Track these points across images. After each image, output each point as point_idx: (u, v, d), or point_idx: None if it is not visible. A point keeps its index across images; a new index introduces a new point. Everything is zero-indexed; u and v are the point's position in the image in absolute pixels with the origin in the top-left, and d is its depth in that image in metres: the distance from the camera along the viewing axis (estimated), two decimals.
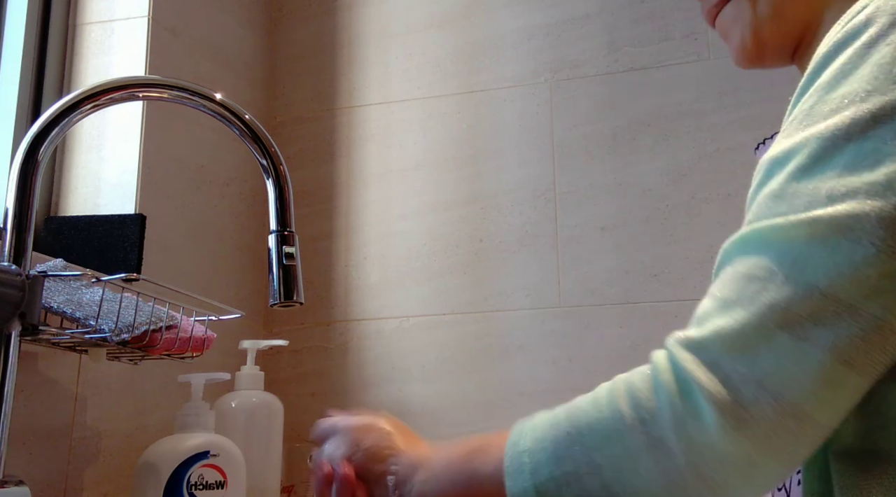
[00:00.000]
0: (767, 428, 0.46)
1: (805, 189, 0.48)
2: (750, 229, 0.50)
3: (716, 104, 1.38)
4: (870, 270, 0.45)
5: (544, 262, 1.41)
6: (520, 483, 0.54)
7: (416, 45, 1.57)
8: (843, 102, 0.49)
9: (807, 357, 0.46)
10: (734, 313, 0.48)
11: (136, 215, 1.18)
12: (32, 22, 1.23)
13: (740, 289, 0.48)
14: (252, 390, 1.17)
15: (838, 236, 0.46)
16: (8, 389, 0.79)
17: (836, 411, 0.47)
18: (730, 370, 0.47)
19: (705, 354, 0.48)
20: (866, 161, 0.47)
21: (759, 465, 0.47)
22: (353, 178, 1.55)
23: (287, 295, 0.87)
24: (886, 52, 0.49)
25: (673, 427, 0.48)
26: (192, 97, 0.89)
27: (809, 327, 0.46)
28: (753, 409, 0.46)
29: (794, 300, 0.46)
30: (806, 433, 0.47)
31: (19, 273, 0.79)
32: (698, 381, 0.47)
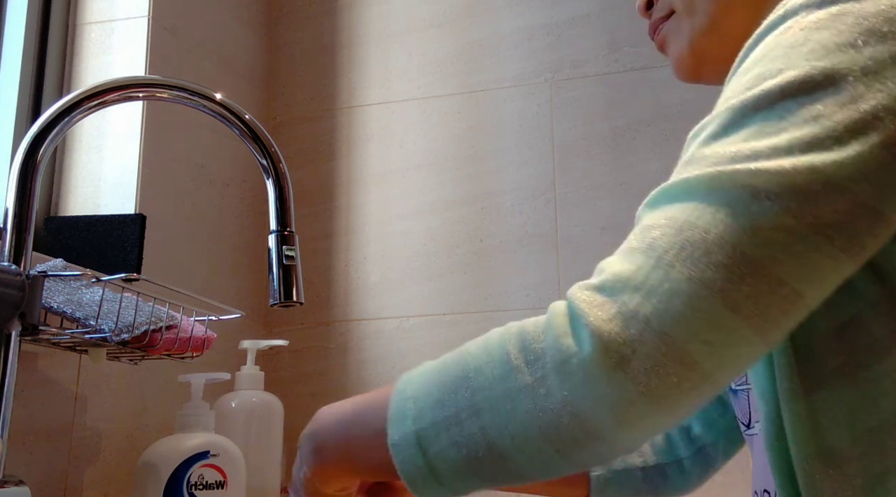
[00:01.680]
0: (648, 366, 0.45)
1: (710, 151, 0.50)
2: (659, 188, 0.52)
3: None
4: (763, 221, 0.46)
5: (544, 262, 1.41)
6: (401, 429, 0.53)
7: (416, 45, 1.57)
8: (755, 80, 0.51)
9: (696, 298, 0.46)
10: (633, 257, 0.49)
11: (136, 215, 1.18)
12: (32, 22, 1.23)
13: (641, 237, 0.49)
14: (252, 390, 1.17)
15: (738, 190, 0.47)
16: (8, 389, 0.79)
17: (722, 361, 0.46)
18: (621, 307, 0.47)
19: (600, 294, 0.48)
20: (771, 128, 0.48)
21: (636, 407, 0.46)
22: (353, 178, 1.55)
23: (287, 295, 0.87)
24: (799, 34, 0.51)
25: (554, 364, 0.48)
26: (192, 97, 0.89)
27: (704, 270, 0.46)
28: (636, 346, 0.46)
29: (689, 244, 0.47)
30: (688, 379, 0.46)
31: (19, 273, 0.79)
32: (587, 317, 0.47)
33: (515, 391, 0.49)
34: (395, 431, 0.53)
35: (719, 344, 0.46)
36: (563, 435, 0.48)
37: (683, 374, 0.46)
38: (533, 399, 0.48)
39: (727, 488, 1.26)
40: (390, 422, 0.54)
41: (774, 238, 0.46)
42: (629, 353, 0.46)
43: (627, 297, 0.47)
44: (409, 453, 0.52)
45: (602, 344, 0.46)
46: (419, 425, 0.52)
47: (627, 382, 0.46)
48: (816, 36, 0.50)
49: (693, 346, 0.45)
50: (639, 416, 0.46)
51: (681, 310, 0.46)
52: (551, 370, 0.48)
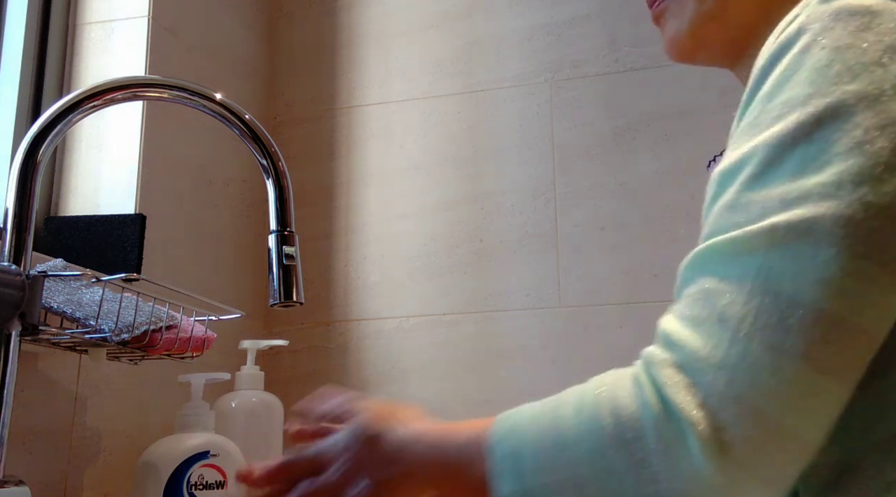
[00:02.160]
0: (750, 448, 0.45)
1: (758, 197, 0.48)
2: (708, 245, 0.50)
3: (716, 104, 1.38)
4: (832, 271, 0.45)
5: (544, 262, 1.41)
6: (507, 487, 0.53)
7: (416, 45, 1.57)
8: (784, 109, 0.50)
9: (782, 368, 0.45)
10: (706, 331, 0.47)
11: (136, 215, 1.18)
12: (32, 22, 1.23)
13: (708, 306, 0.48)
14: (252, 390, 1.17)
15: (798, 241, 0.46)
16: (8, 389, 0.79)
17: (818, 423, 0.46)
18: (708, 390, 0.46)
19: (683, 376, 0.47)
20: (814, 163, 0.47)
21: (745, 487, 0.46)
22: (353, 178, 1.55)
23: (287, 295, 0.87)
24: (822, 55, 0.50)
25: (656, 450, 0.47)
26: (192, 97, 0.89)
27: (781, 336, 0.45)
28: (734, 430, 0.45)
29: (762, 311, 0.46)
30: (789, 449, 0.46)
31: (19, 273, 0.79)
32: (679, 405, 0.46)
33: (618, 469, 0.48)
34: (501, 487, 0.53)
35: (814, 408, 0.46)
36: None
37: (785, 447, 0.45)
38: (637, 479, 0.48)
39: None
40: (493, 475, 0.54)
41: (846, 286, 0.45)
42: (729, 439, 0.45)
43: (712, 379, 0.46)
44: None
45: (700, 434, 0.45)
46: (524, 486, 0.52)
47: (735, 469, 0.45)
48: (840, 56, 0.49)
49: (790, 418, 0.45)
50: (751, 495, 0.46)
51: (769, 383, 0.45)
52: (653, 453, 0.47)
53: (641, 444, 0.48)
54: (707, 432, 0.45)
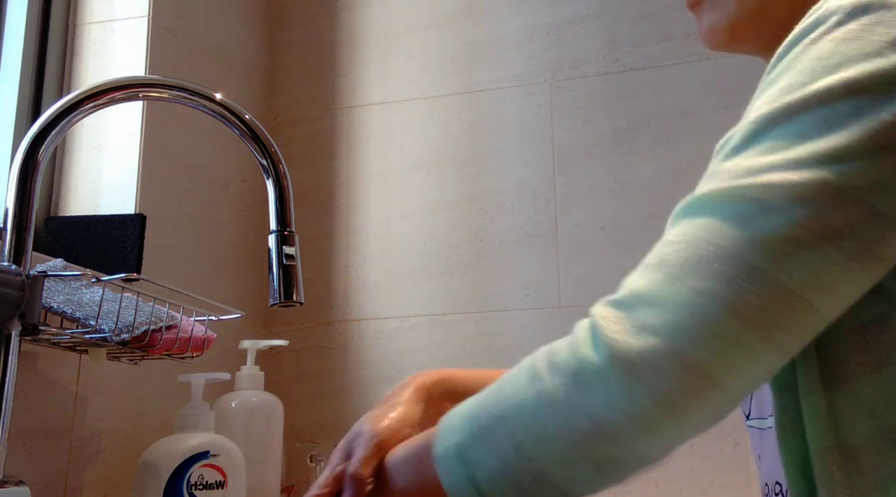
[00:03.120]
0: (657, 375, 0.47)
1: (728, 166, 0.51)
2: (682, 203, 0.53)
3: (716, 104, 1.38)
4: (772, 234, 0.47)
5: (544, 262, 1.41)
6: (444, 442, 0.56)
7: (416, 45, 1.57)
8: (780, 94, 0.51)
9: (702, 309, 0.47)
10: (648, 273, 0.51)
11: (136, 215, 1.18)
12: (32, 22, 1.23)
13: (657, 254, 0.51)
14: (252, 390, 1.17)
15: (748, 204, 0.48)
16: (8, 389, 0.79)
17: (732, 372, 0.47)
18: (634, 322, 0.49)
19: (617, 309, 0.50)
20: (787, 142, 0.49)
21: (649, 413, 0.47)
22: (353, 178, 1.55)
23: (287, 295, 0.87)
24: (827, 47, 0.51)
25: (571, 371, 0.50)
26: (192, 97, 0.89)
27: (710, 283, 0.47)
28: (645, 355, 0.47)
29: (699, 258, 0.48)
30: (698, 388, 0.47)
31: (19, 273, 0.79)
32: (602, 330, 0.49)
33: (536, 397, 0.51)
34: (439, 446, 0.56)
35: (725, 352, 0.47)
36: (582, 438, 0.50)
37: (691, 382, 0.47)
38: (551, 403, 0.51)
39: (727, 488, 1.26)
40: (435, 439, 0.57)
41: (780, 248, 0.47)
42: (638, 361, 0.47)
43: (640, 311, 0.49)
44: (451, 465, 0.55)
45: (613, 353, 0.48)
46: (460, 437, 0.55)
47: (638, 389, 0.47)
48: (844, 48, 0.50)
49: (698, 354, 0.47)
50: (653, 422, 0.48)
51: (686, 321, 0.47)
52: (568, 377, 0.50)
53: (560, 370, 0.51)
54: (619, 352, 0.48)
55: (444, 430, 0.57)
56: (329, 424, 1.43)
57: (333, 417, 1.43)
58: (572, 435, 0.50)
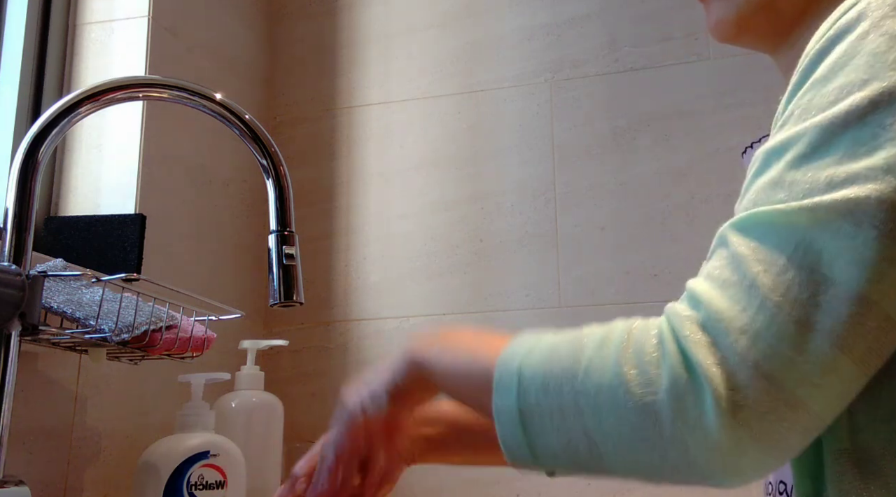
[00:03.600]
0: (761, 412, 0.45)
1: (804, 176, 0.48)
2: (749, 213, 0.50)
3: (716, 104, 1.38)
4: (871, 254, 0.45)
5: (544, 262, 1.41)
6: (506, 401, 0.54)
7: (416, 45, 1.57)
8: (840, 93, 0.49)
9: (805, 342, 0.45)
10: (734, 295, 0.48)
11: (136, 215, 1.18)
12: (32, 22, 1.23)
13: (741, 271, 0.48)
14: (252, 390, 1.17)
15: (839, 221, 0.46)
16: (8, 389, 0.79)
17: (831, 401, 0.47)
18: (728, 351, 0.46)
19: (705, 334, 0.48)
20: (865, 147, 0.47)
21: (747, 451, 0.46)
22: (353, 178, 1.55)
23: (287, 295, 0.87)
24: (881, 41, 0.49)
25: (670, 397, 0.47)
26: (192, 97, 0.89)
27: (810, 312, 0.45)
28: (749, 392, 0.45)
29: (794, 284, 0.46)
30: (798, 422, 0.46)
31: (19, 273, 0.79)
32: (698, 360, 0.47)
33: (626, 410, 0.49)
34: (500, 399, 0.55)
35: (829, 385, 0.46)
36: (668, 463, 0.48)
37: (794, 419, 0.46)
38: (642, 421, 0.48)
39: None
40: (496, 386, 0.55)
41: (882, 270, 0.45)
42: (740, 400, 0.45)
43: (734, 341, 0.46)
44: (510, 426, 0.54)
45: (715, 391, 0.46)
46: (522, 403, 0.53)
47: (741, 430, 0.45)
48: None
49: (803, 390, 0.45)
50: (748, 461, 0.47)
51: (789, 353, 0.45)
52: (665, 400, 0.48)
53: (653, 388, 0.48)
54: (721, 390, 0.46)
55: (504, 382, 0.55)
56: (329, 424, 1.43)
57: None
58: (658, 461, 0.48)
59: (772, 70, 0.72)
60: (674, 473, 0.49)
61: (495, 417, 0.55)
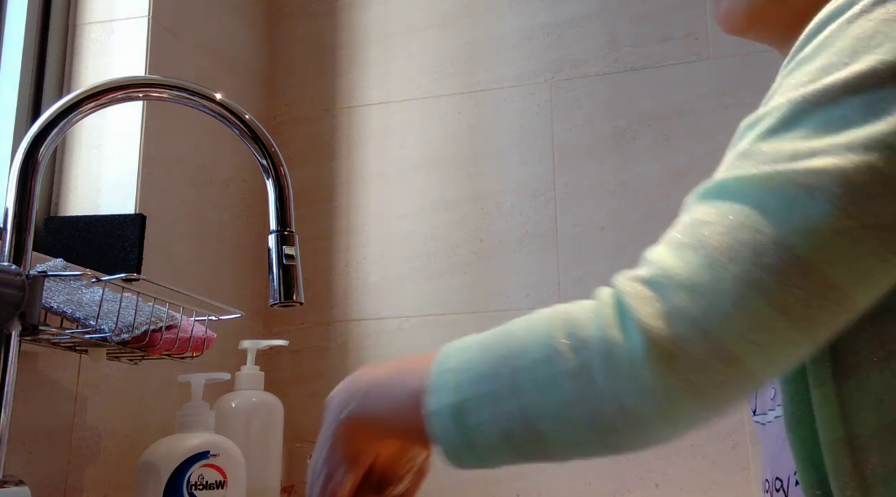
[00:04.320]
0: (693, 365, 0.46)
1: (769, 147, 0.49)
2: (711, 182, 0.52)
3: (716, 104, 1.38)
4: (822, 225, 0.46)
5: (544, 262, 1.41)
6: (440, 400, 0.54)
7: (416, 45, 1.57)
8: (819, 73, 0.50)
9: (745, 300, 0.46)
10: (684, 254, 0.48)
11: (136, 215, 1.18)
12: (32, 22, 1.23)
13: (693, 232, 0.49)
14: (252, 390, 1.17)
15: (795, 189, 0.47)
16: (8, 389, 0.79)
17: (768, 361, 0.47)
18: (669, 306, 0.47)
19: (649, 289, 0.48)
20: (833, 125, 0.48)
21: (679, 402, 0.47)
22: (353, 178, 1.55)
23: (287, 295, 0.87)
24: (867, 26, 0.50)
25: (600, 353, 0.48)
26: (192, 97, 0.89)
27: (754, 272, 0.46)
28: (682, 344, 0.46)
29: (741, 244, 0.47)
30: (732, 378, 0.46)
31: (19, 273, 0.79)
32: (635, 311, 0.48)
33: (559, 375, 0.50)
34: (433, 401, 0.54)
35: (765, 344, 0.46)
36: (605, 422, 0.49)
37: (727, 373, 0.46)
38: (577, 385, 0.49)
39: (727, 488, 1.26)
40: (429, 391, 0.55)
41: (830, 240, 0.46)
42: (676, 350, 0.46)
43: (675, 295, 0.47)
44: (445, 424, 0.53)
45: (649, 340, 0.47)
46: (458, 397, 0.53)
47: (672, 379, 0.46)
48: (885, 28, 0.49)
49: (739, 346, 0.46)
50: (681, 410, 0.47)
51: (729, 310, 0.46)
52: (597, 359, 0.48)
53: (587, 349, 0.49)
54: (655, 339, 0.46)
55: (438, 383, 0.54)
56: None
57: None
58: (594, 418, 0.49)
59: (772, 70, 0.72)
60: (611, 434, 0.49)
61: (428, 422, 0.54)
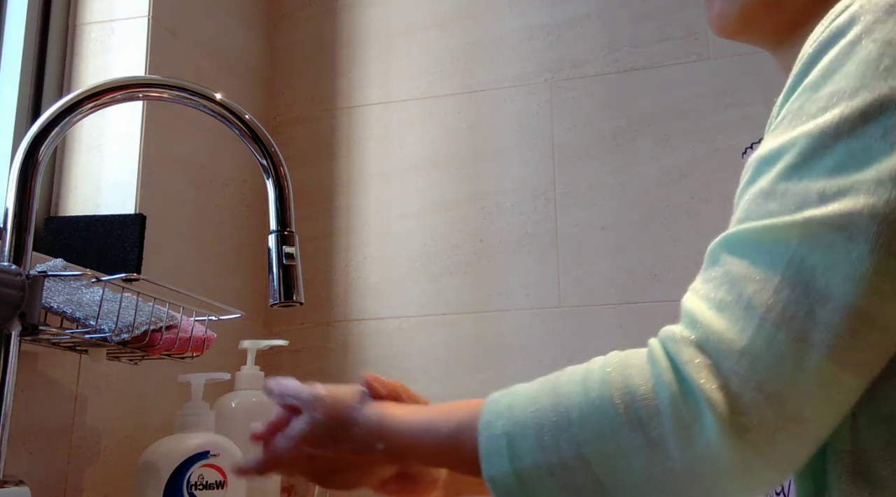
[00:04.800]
0: (767, 432, 0.46)
1: (795, 188, 0.48)
2: (740, 229, 0.50)
3: (716, 104, 1.38)
4: (865, 267, 0.45)
5: (544, 262, 1.41)
6: (498, 467, 0.53)
7: (416, 45, 1.57)
8: (831, 100, 0.49)
9: (805, 358, 0.45)
10: (731, 316, 0.48)
11: (136, 215, 1.18)
12: (32, 22, 1.23)
13: (736, 291, 0.48)
14: (252, 390, 1.17)
15: (832, 235, 0.46)
16: (8, 389, 0.79)
17: (834, 413, 0.47)
18: (729, 373, 0.46)
19: (705, 357, 0.47)
20: (856, 159, 0.47)
21: (757, 470, 0.46)
22: (353, 178, 1.55)
23: (287, 295, 0.87)
24: (872, 48, 0.49)
25: (673, 430, 0.47)
26: (192, 97, 0.89)
27: (808, 328, 0.46)
28: (753, 413, 0.46)
29: (791, 302, 0.46)
30: (804, 436, 0.46)
31: (19, 273, 0.79)
32: (700, 385, 0.47)
33: (630, 449, 0.49)
34: (491, 467, 0.53)
35: (830, 399, 0.46)
36: (681, 494, 0.48)
37: (799, 434, 0.46)
38: (650, 459, 0.48)
39: None
40: (483, 456, 0.54)
41: (877, 284, 0.45)
42: (747, 422, 0.46)
43: (736, 363, 0.46)
44: (511, 490, 0.52)
45: (719, 414, 0.46)
46: (518, 466, 0.52)
47: (749, 451, 0.46)
48: (892, 51, 0.48)
49: (807, 406, 0.46)
50: (759, 477, 0.47)
51: (791, 372, 0.45)
52: (669, 433, 0.48)
53: (656, 421, 0.48)
54: (726, 414, 0.46)
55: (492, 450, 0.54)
56: None
57: None
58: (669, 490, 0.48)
59: (772, 70, 0.72)
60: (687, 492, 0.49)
61: (491, 488, 0.54)
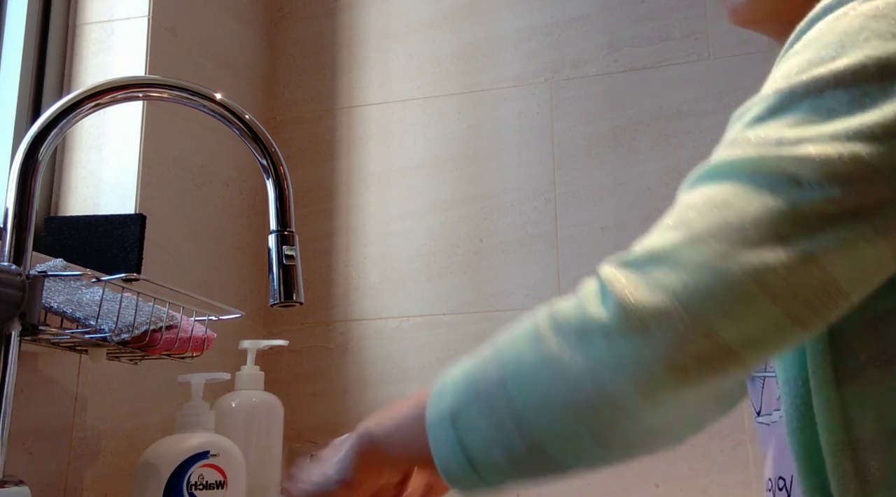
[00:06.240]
0: (669, 336, 0.46)
1: (755, 134, 0.50)
2: (699, 170, 0.52)
3: (716, 104, 1.38)
4: (803, 207, 0.46)
5: (544, 262, 1.41)
6: (437, 408, 0.55)
7: (416, 45, 1.57)
8: (807, 65, 0.51)
9: (728, 276, 0.46)
10: (666, 234, 0.49)
11: (136, 215, 1.18)
12: (32, 22, 1.23)
13: (676, 216, 0.50)
14: (252, 390, 1.17)
15: (781, 176, 0.47)
16: (8, 389, 0.79)
17: (750, 340, 0.46)
18: (648, 279, 0.47)
19: (629, 269, 0.49)
20: (819, 116, 0.49)
21: (654, 375, 0.46)
22: (353, 178, 1.55)
23: (287, 295, 0.87)
24: (855, 22, 0.51)
25: (578, 331, 0.49)
26: (192, 97, 0.90)
27: (737, 250, 0.46)
28: (658, 314, 0.46)
29: (725, 226, 0.47)
30: (711, 353, 0.46)
31: (19, 273, 0.79)
32: (613, 286, 0.48)
33: (539, 359, 0.50)
34: (431, 409, 0.55)
35: (745, 320, 0.46)
36: (584, 403, 0.48)
37: (705, 347, 0.46)
38: (555, 367, 0.49)
39: (727, 488, 1.26)
40: (428, 404, 0.56)
41: (813, 223, 0.46)
42: (650, 320, 0.46)
43: (655, 269, 0.48)
44: (441, 430, 0.54)
45: (624, 309, 0.47)
46: (452, 403, 0.54)
47: (646, 348, 0.46)
48: (873, 24, 0.50)
49: (718, 320, 0.46)
50: (658, 385, 0.47)
51: (709, 283, 0.46)
52: (573, 336, 0.49)
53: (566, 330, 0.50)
54: (631, 309, 0.47)
55: (437, 394, 0.56)
56: (329, 424, 1.43)
57: (333, 417, 1.43)
58: (574, 399, 0.48)
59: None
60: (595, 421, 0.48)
61: (428, 434, 0.55)
